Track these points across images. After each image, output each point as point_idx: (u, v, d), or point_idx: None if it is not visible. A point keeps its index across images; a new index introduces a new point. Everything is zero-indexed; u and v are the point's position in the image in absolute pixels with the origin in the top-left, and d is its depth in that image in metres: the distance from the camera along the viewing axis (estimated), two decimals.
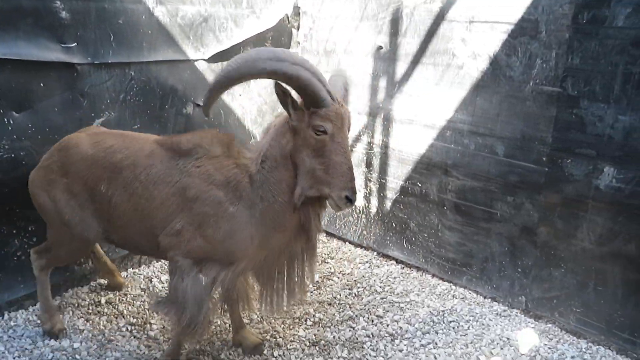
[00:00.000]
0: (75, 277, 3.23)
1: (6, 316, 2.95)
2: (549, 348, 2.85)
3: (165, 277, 3.42)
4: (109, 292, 3.25)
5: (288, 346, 2.85)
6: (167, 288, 2.49)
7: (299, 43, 4.16)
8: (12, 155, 2.74)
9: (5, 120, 2.69)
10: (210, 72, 3.57)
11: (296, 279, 2.54)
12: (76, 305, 3.10)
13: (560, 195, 2.91)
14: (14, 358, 2.65)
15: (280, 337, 2.92)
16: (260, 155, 2.28)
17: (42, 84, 2.79)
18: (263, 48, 2.14)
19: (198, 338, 2.51)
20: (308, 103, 2.13)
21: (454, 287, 3.50)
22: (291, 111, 2.17)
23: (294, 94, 2.18)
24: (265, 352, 2.79)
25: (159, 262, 3.61)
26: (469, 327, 3.04)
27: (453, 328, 3.04)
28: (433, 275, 3.64)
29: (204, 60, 3.52)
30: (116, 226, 2.50)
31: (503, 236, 3.21)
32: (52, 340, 2.78)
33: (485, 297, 3.36)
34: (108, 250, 3.25)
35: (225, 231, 2.26)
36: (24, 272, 2.91)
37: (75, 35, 2.86)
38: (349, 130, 2.25)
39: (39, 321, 2.89)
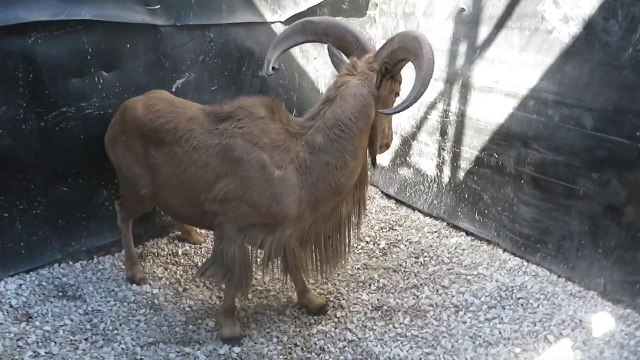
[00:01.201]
0: (155, 228, 3.46)
1: (95, 260, 3.23)
2: (626, 334, 2.69)
3: None
4: (186, 244, 3.45)
5: (351, 309, 2.91)
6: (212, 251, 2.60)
7: (377, 5, 4.04)
8: (102, 112, 2.94)
9: (96, 79, 2.88)
10: None
11: (344, 242, 2.59)
12: (156, 254, 3.34)
13: None
14: (101, 298, 2.91)
15: (343, 299, 2.99)
16: (333, 123, 2.25)
17: (128, 45, 2.94)
18: (422, 34, 2.16)
19: (246, 293, 2.65)
20: (396, 72, 2.32)
21: (525, 263, 3.37)
22: (384, 82, 2.25)
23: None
24: (328, 312, 2.86)
25: None
26: (538, 305, 2.93)
27: (521, 305, 2.94)
28: (504, 250, 3.52)
29: (281, 22, 3.52)
30: (161, 189, 2.57)
31: (584, 214, 3.02)
32: (134, 285, 3.02)
33: (559, 276, 3.21)
34: None
35: (271, 195, 2.26)
36: (111, 220, 3.15)
37: None
38: None
39: (123, 266, 3.15)
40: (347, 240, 2.61)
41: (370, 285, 3.14)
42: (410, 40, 2.13)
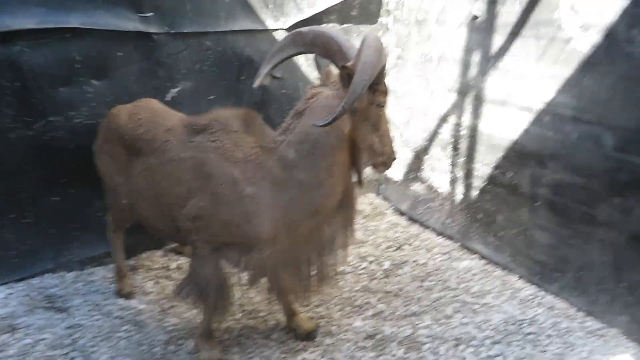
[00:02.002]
0: (151, 240, 3.38)
1: (87, 270, 3.18)
2: None
3: None
4: (180, 258, 3.36)
5: (341, 336, 2.71)
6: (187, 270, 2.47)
7: (389, 12, 3.85)
8: (92, 122, 2.88)
9: (85, 87, 2.83)
10: None
11: (328, 266, 2.38)
12: (148, 267, 3.25)
13: None
14: (86, 311, 2.84)
15: (334, 324, 2.80)
16: (303, 138, 2.09)
17: (120, 53, 2.88)
18: (374, 37, 1.94)
19: (222, 317, 2.48)
20: (375, 81, 2.01)
21: (541, 293, 3.07)
22: None
23: None
24: (317, 339, 2.68)
25: None
26: (549, 344, 2.64)
27: (530, 341, 2.66)
28: (519, 277, 3.23)
29: (284, 30, 3.39)
30: (137, 201, 2.49)
31: (605, 243, 2.72)
32: (122, 299, 2.94)
33: (578, 310, 2.91)
34: None
35: (241, 214, 2.11)
36: (104, 231, 3.06)
37: (153, 5, 2.89)
38: None
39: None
40: (332, 264, 2.42)
41: (366, 310, 2.93)
42: (362, 42, 1.92)
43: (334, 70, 2.14)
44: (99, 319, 2.78)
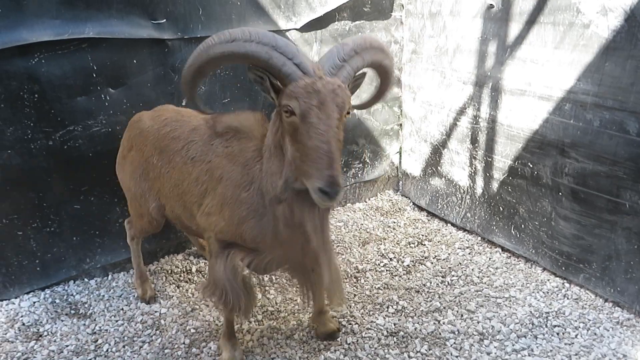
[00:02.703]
0: (171, 244, 3.41)
1: (110, 276, 3.22)
2: None
3: None
4: (201, 261, 3.38)
5: (363, 334, 2.70)
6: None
7: (402, 6, 3.81)
8: (109, 130, 2.91)
9: (102, 96, 2.85)
10: (302, 42, 3.43)
11: (335, 271, 2.30)
12: (169, 271, 3.28)
13: None
14: (110, 317, 2.87)
15: (356, 323, 2.78)
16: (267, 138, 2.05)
17: (135, 61, 2.89)
18: (222, 31, 1.79)
19: (244, 317, 2.43)
20: (280, 81, 1.79)
21: (567, 285, 3.01)
22: (273, 95, 1.82)
23: None
24: (339, 338, 2.67)
25: None
26: (576, 335, 2.59)
27: (557, 334, 2.61)
28: (543, 269, 3.18)
29: (296, 29, 3.38)
30: (168, 200, 2.52)
31: (632, 231, 2.65)
32: (144, 304, 2.97)
33: (605, 301, 2.84)
34: None
35: (238, 217, 2.12)
36: (125, 237, 3.11)
37: (165, 11, 2.89)
38: (343, 108, 1.75)
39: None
40: (336, 269, 2.37)
41: (388, 307, 2.91)
42: None
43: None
44: (122, 324, 2.81)
